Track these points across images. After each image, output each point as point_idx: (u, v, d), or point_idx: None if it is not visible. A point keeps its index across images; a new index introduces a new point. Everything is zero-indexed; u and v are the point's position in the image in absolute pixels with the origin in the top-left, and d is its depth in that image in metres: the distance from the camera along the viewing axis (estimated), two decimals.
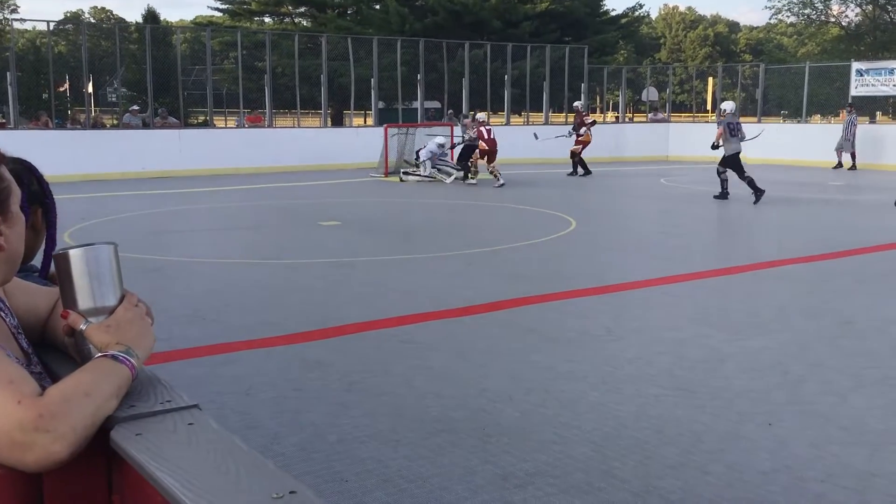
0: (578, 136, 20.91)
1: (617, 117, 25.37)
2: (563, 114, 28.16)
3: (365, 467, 3.91)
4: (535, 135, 21.78)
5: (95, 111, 26.71)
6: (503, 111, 26.53)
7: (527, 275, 8.47)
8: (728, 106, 15.38)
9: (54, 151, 17.52)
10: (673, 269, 8.77)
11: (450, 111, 24.96)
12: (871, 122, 28.41)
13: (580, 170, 20.48)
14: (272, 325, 6.47)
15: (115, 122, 23.90)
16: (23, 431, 1.10)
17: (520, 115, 28.11)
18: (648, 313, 6.72)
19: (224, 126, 20.27)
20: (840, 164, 22.02)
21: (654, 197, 16.50)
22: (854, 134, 21.74)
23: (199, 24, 40.78)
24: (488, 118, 23.83)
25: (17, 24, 23.87)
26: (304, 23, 42.51)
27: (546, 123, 27.25)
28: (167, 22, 35.60)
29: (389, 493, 3.66)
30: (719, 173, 14.89)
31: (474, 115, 20.73)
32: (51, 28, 22.98)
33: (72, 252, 1.31)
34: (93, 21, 54.65)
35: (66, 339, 1.37)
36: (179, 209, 14.01)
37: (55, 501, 1.19)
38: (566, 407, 4.73)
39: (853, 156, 21.79)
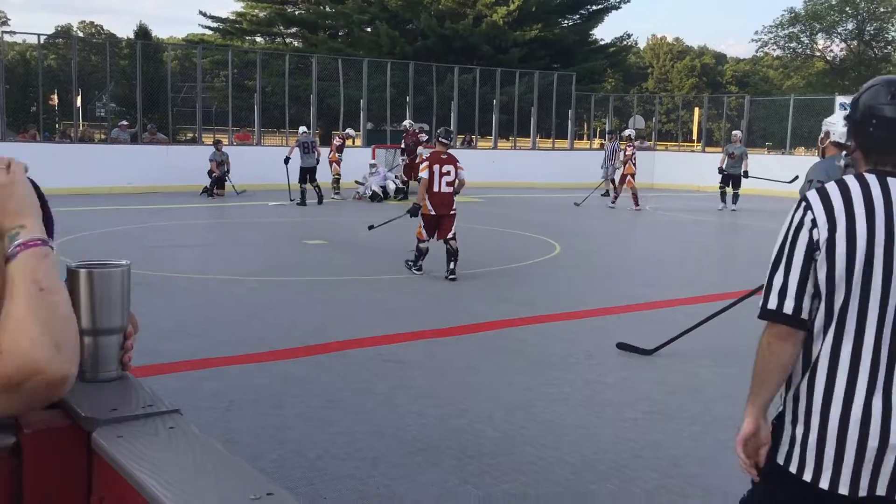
0: (414, 157, 18.33)
1: (602, 144, 25.54)
2: (551, 139, 28.34)
3: (344, 485, 3.91)
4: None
5: (84, 125, 26.66)
6: (491, 136, 26.69)
7: (510, 297, 8.51)
8: (302, 129, 18.99)
9: (41, 164, 17.16)
10: (656, 294, 8.83)
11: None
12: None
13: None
14: (255, 341, 6.47)
15: (104, 136, 23.85)
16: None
17: (508, 139, 28.27)
18: (630, 338, 6.74)
19: (212, 143, 20.21)
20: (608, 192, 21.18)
21: (639, 224, 16.62)
22: (617, 160, 20.78)
23: (191, 42, 40.87)
24: (475, 141, 23.82)
25: (6, 37, 23.86)
26: (296, 43, 42.71)
27: (533, 149, 27.42)
28: (158, 39, 35.65)
29: None
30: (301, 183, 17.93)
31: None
32: (41, 41, 22.99)
33: (83, 271, 1.31)
34: (83, 36, 54.67)
35: None
36: (166, 224, 13.98)
37: (34, 501, 1.20)
38: (546, 429, 4.75)
39: (613, 181, 20.93)
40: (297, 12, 42.05)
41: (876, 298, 2.01)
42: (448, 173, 9.38)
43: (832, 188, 2.10)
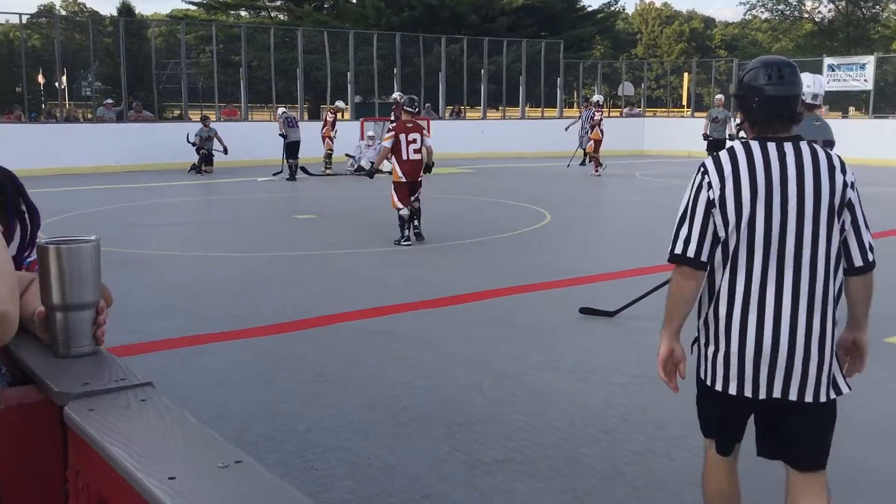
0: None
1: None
2: (540, 108, 28.23)
3: (335, 456, 3.95)
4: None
5: (69, 105, 26.42)
6: (480, 106, 26.56)
7: (500, 267, 8.53)
8: (280, 111, 19.09)
9: (28, 145, 17.36)
10: (645, 261, 8.86)
11: (427, 105, 24.95)
12: (843, 117, 28.72)
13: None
14: (244, 317, 6.48)
15: (90, 115, 23.67)
16: None
17: (497, 109, 28.15)
18: (618, 304, 6.79)
19: (199, 120, 20.07)
20: (584, 162, 20.90)
21: (629, 190, 16.63)
22: (590, 128, 19.86)
23: (175, 18, 40.43)
24: (464, 112, 23.66)
25: None
26: (281, 16, 42.31)
27: (523, 118, 27.34)
28: (142, 15, 35.26)
29: (358, 482, 3.70)
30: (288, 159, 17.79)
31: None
32: (23, 21, 22.73)
33: (51, 247, 1.33)
34: (66, 14, 54.02)
35: (36, 319, 1.40)
36: (153, 203, 13.94)
37: (10, 477, 1.22)
38: (535, 396, 4.79)
39: (585, 151, 20.60)
40: None
41: (760, 243, 2.49)
42: (414, 141, 9.67)
43: (724, 155, 2.57)
